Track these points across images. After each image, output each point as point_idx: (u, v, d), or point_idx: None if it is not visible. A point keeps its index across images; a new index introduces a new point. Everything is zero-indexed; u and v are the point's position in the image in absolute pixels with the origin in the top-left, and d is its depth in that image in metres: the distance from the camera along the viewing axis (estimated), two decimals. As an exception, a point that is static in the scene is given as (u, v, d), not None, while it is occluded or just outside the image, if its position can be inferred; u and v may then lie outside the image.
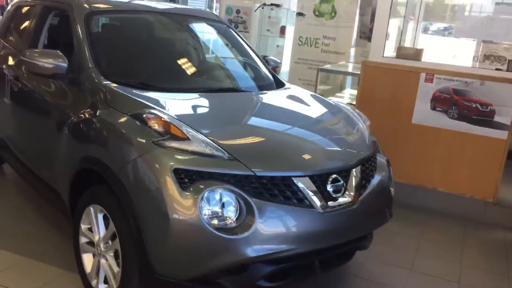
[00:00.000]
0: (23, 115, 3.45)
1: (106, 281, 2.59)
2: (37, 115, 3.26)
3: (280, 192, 2.29)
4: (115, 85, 2.77)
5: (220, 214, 2.20)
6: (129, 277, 2.38)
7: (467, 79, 4.18)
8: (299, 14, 7.20)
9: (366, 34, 6.90)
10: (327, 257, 2.55)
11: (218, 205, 2.20)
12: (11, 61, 3.68)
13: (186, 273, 2.25)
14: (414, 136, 4.41)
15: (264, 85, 3.45)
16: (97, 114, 2.67)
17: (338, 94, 6.56)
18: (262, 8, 7.80)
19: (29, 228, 3.42)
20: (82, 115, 2.75)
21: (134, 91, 2.75)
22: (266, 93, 3.33)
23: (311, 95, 3.46)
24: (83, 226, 2.70)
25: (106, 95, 2.70)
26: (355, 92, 6.75)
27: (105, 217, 2.55)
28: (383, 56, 4.51)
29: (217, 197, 2.20)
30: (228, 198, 2.21)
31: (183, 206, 2.17)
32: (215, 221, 2.18)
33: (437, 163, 4.39)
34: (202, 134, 2.38)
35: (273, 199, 2.27)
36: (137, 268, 2.35)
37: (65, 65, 2.88)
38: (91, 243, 2.68)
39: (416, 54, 4.52)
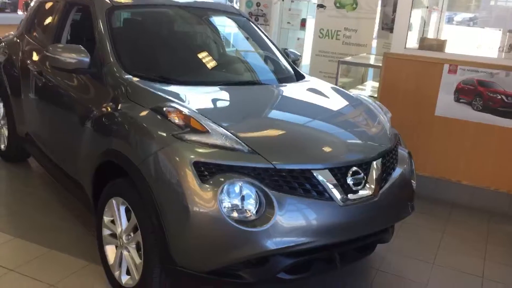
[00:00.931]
0: (47, 110, 3.51)
1: (128, 272, 2.63)
2: (61, 110, 3.32)
3: (299, 185, 2.29)
4: (136, 79, 2.80)
5: (239, 206, 2.21)
6: (150, 268, 2.41)
7: (492, 70, 4.09)
8: (320, 6, 7.14)
9: (388, 25, 6.80)
10: (347, 251, 2.54)
11: (238, 197, 2.21)
12: (35, 57, 3.75)
13: (206, 265, 2.27)
14: (437, 128, 4.35)
15: (284, 77, 3.44)
16: (119, 108, 2.70)
17: (359, 87, 6.50)
18: (282, 0, 7.76)
19: (54, 220, 3.49)
20: (104, 109, 2.79)
21: (154, 85, 2.78)
22: (286, 85, 3.32)
23: (331, 87, 3.43)
24: (106, 219, 2.74)
25: (127, 89, 2.74)
26: (377, 84, 6.69)
27: (127, 210, 2.59)
28: (405, 48, 4.43)
29: (237, 189, 2.21)
30: (248, 190, 2.21)
31: (203, 199, 2.18)
32: (235, 214, 2.19)
33: (461, 155, 4.32)
34: (222, 127, 2.39)
35: (293, 192, 2.27)
36: (158, 260, 2.38)
37: (87, 59, 2.92)
38: (113, 235, 2.72)
39: (439, 45, 4.45)
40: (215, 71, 3.36)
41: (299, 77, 3.50)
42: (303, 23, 7.69)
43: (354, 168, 2.44)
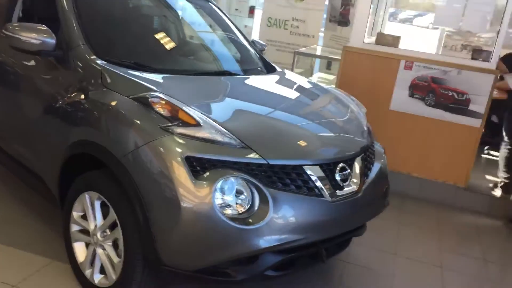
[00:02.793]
0: (2, 95, 3.18)
1: (102, 271, 2.48)
2: (19, 96, 3.02)
3: (291, 181, 2.26)
4: (111, 65, 2.61)
5: (234, 203, 2.14)
6: (132, 267, 2.29)
7: (445, 67, 4.28)
8: (269, -6, 7.09)
9: (336, 18, 6.92)
10: (330, 245, 2.55)
11: (232, 194, 2.14)
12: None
13: (195, 264, 2.18)
14: (391, 122, 4.49)
15: (258, 69, 3.37)
16: (93, 96, 2.51)
17: (310, 78, 6.56)
18: (231, -15, 7.64)
19: (8, 214, 3.21)
20: (73, 97, 2.58)
21: (130, 71, 2.60)
22: (264, 77, 3.26)
23: (307, 81, 3.42)
24: (75, 214, 2.56)
25: (102, 76, 2.54)
26: (325, 76, 6.81)
27: (102, 205, 2.43)
28: (363, 42, 4.51)
29: (231, 186, 2.13)
30: (242, 187, 2.15)
31: (196, 196, 2.09)
32: (229, 211, 2.12)
33: (412, 149, 4.50)
34: (212, 120, 2.30)
35: (286, 188, 2.23)
36: (141, 259, 2.26)
37: (53, 41, 2.67)
38: (84, 231, 2.55)
39: (395, 41, 4.57)
40: (191, 60, 3.22)
41: (270, 68, 3.45)
42: (251, 10, 7.61)
43: (342, 164, 2.45)
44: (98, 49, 2.71)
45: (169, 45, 3.22)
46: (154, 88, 2.44)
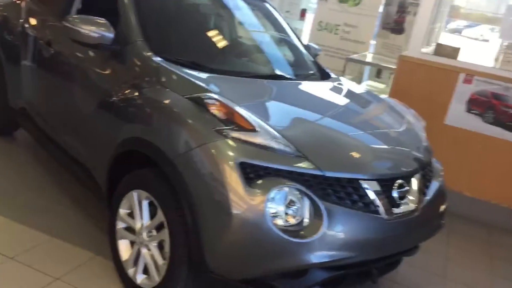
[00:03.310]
0: (54, 86, 3.20)
1: (145, 271, 2.44)
2: (71, 88, 3.03)
3: (347, 195, 2.15)
4: (168, 62, 2.57)
5: (287, 215, 2.05)
6: (176, 271, 2.23)
7: (508, 83, 4.06)
8: (322, -3, 6.97)
9: (390, 25, 6.72)
10: (381, 265, 2.44)
11: (286, 205, 2.05)
12: (42, 24, 3.43)
13: (242, 273, 2.11)
14: (446, 137, 4.30)
15: (312, 74, 3.27)
16: (147, 93, 2.48)
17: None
18: (284, -13, 7.55)
19: (50, 203, 3.22)
20: (128, 93, 2.55)
21: (187, 70, 2.56)
22: (319, 83, 3.15)
23: (364, 90, 3.30)
24: (122, 211, 2.53)
25: (158, 74, 2.51)
26: (374, 84, 6.64)
27: (150, 204, 2.39)
28: (421, 52, 4.34)
29: (285, 196, 2.05)
30: (296, 198, 2.06)
31: (248, 203, 2.01)
32: (281, 222, 2.04)
33: (466, 166, 4.29)
34: (269, 125, 2.22)
35: (340, 202, 2.13)
36: (186, 263, 2.20)
37: (111, 35, 2.66)
38: (129, 229, 2.52)
39: (454, 53, 4.38)
40: (248, 62, 3.15)
41: (325, 74, 3.34)
42: (302, 13, 7.50)
43: (400, 181, 2.32)
44: (155, 46, 2.67)
45: (225, 45, 3.16)
46: (209, 88, 2.39)
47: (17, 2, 3.86)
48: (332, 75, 3.36)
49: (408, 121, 2.94)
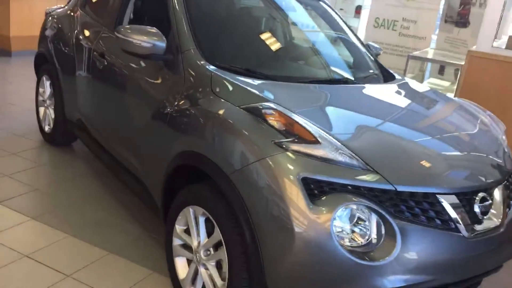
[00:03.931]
0: (109, 98, 3.16)
1: (204, 291, 2.32)
2: (126, 99, 2.97)
3: (422, 211, 1.93)
4: (221, 70, 2.44)
5: (355, 234, 1.86)
6: (236, 293, 2.09)
7: None
8: (377, -7, 6.68)
9: (453, 18, 6.32)
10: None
11: (353, 223, 1.87)
12: (95, 36, 3.41)
13: (305, 297, 1.94)
14: (522, 138, 3.93)
15: (375, 76, 3.05)
16: (201, 103, 2.36)
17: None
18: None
19: (107, 217, 3.18)
20: (182, 104, 2.44)
21: (241, 78, 2.42)
22: (383, 86, 2.93)
23: (433, 92, 3.04)
24: (178, 227, 2.42)
25: (212, 82, 2.38)
26: (438, 81, 6.27)
27: (207, 220, 2.26)
28: (492, 46, 4.01)
29: (353, 214, 1.87)
30: (365, 216, 1.87)
31: (312, 222, 1.84)
32: (349, 243, 1.85)
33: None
34: (331, 136, 2.03)
35: (415, 219, 1.91)
36: (247, 284, 2.06)
37: (163, 45, 2.57)
38: (186, 246, 2.41)
39: (529, 46, 4.01)
40: (305, 66, 2.98)
41: (389, 76, 3.11)
42: (358, 10, 7.23)
43: (482, 194, 2.07)
44: (208, 54, 2.56)
45: (280, 49, 3.00)
46: (266, 97, 2.23)
47: (71, 13, 3.88)
48: (397, 76, 3.12)
49: (488, 126, 2.66)
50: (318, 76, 2.91)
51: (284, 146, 1.96)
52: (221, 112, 2.23)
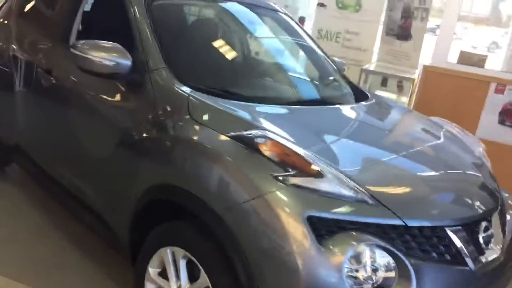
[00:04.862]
0: (59, 121, 2.76)
1: None
2: (82, 123, 2.60)
3: (432, 247, 1.80)
4: (199, 93, 2.19)
5: (368, 277, 1.69)
6: None
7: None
8: (320, 4, 6.64)
9: (394, 31, 6.42)
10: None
11: (366, 266, 1.69)
12: (38, 49, 3.01)
13: None
14: (477, 151, 4.00)
15: (352, 95, 2.90)
16: (177, 131, 2.09)
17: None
18: (278, -4, 7.22)
19: (57, 255, 2.80)
20: (153, 131, 2.16)
21: (223, 101, 2.18)
22: (364, 107, 2.76)
23: (409, 111, 2.96)
24: (152, 271, 2.13)
25: (190, 107, 2.12)
26: (384, 93, 6.32)
27: (188, 262, 2.00)
28: (446, 62, 4.05)
29: (365, 255, 1.69)
30: (379, 256, 1.70)
31: (321, 266, 1.65)
32: (362, 286, 1.67)
33: (502, 182, 3.99)
34: (333, 167, 1.85)
35: (425, 256, 1.77)
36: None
37: (128, 63, 2.27)
38: (161, 291, 2.12)
39: (480, 61, 4.10)
40: (284, 86, 2.78)
41: (362, 95, 2.98)
42: (301, 21, 7.17)
43: (484, 223, 1.98)
44: (181, 74, 2.29)
45: (256, 68, 2.79)
46: (255, 123, 2.01)
47: (4, 22, 3.43)
48: (369, 94, 3.01)
49: (473, 149, 2.60)
50: (303, 97, 2.71)
51: (283, 180, 1.76)
52: (204, 141, 1.97)
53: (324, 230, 1.69)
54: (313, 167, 1.80)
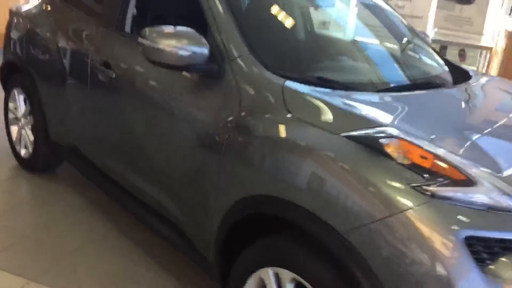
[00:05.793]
0: (124, 120, 2.42)
1: None
2: (151, 123, 2.25)
3: None
4: (294, 83, 1.83)
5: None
6: None
7: None
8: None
9: (455, -7, 5.90)
10: None
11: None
12: (86, 36, 2.69)
13: None
14: None
15: (456, 75, 2.47)
16: (274, 131, 1.74)
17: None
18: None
19: (128, 266, 2.52)
20: (241, 130, 1.82)
21: (322, 93, 1.81)
22: (474, 87, 2.35)
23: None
24: (249, 295, 1.83)
25: (285, 100, 1.77)
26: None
27: (297, 286, 1.68)
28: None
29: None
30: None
31: (490, 302, 1.30)
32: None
33: None
34: (485, 171, 1.49)
35: None
36: None
37: (205, 51, 1.92)
38: (262, 318, 1.81)
39: None
40: (390, 69, 2.35)
41: (464, 73, 2.56)
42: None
43: None
44: (268, 60, 1.93)
45: (350, 49, 2.39)
46: (375, 119, 1.65)
47: (48, 9, 3.12)
48: (470, 72, 2.59)
49: None
50: (402, 80, 2.29)
51: (427, 192, 1.40)
52: (309, 141, 1.62)
53: (486, 253, 1.34)
54: (462, 171, 1.44)
